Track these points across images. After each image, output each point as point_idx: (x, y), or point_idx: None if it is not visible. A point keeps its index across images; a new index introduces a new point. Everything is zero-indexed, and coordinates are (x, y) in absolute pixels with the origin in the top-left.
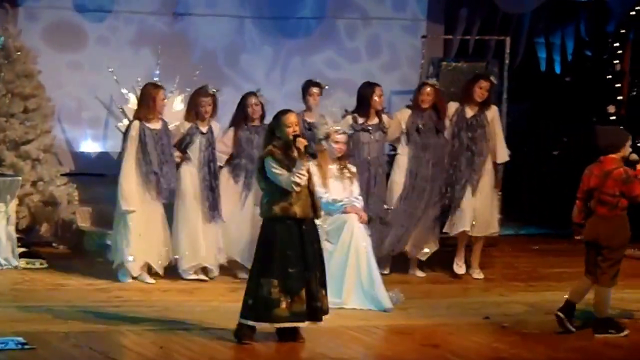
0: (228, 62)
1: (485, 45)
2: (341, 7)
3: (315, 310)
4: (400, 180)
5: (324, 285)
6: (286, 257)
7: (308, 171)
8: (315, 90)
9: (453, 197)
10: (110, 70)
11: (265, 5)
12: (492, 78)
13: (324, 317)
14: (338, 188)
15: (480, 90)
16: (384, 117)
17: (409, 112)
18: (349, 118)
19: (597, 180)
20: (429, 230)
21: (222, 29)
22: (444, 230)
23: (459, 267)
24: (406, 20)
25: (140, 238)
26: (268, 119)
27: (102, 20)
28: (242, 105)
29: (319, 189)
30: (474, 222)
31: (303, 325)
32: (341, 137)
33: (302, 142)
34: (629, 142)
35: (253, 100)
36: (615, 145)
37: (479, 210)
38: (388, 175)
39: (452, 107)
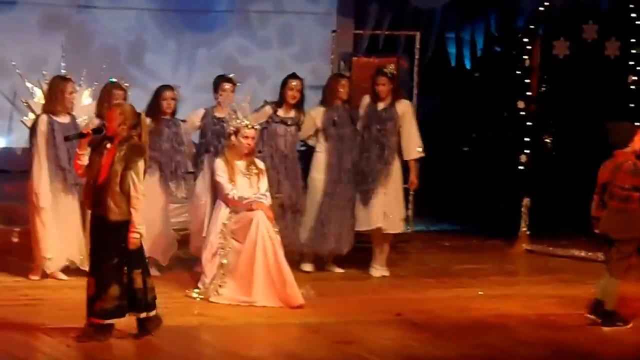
0: (133, 55)
1: (396, 41)
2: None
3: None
4: (320, 177)
5: (102, 287)
6: None
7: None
8: (227, 85)
9: (366, 191)
10: (13, 63)
11: None
12: (389, 70)
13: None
14: (245, 185)
15: (378, 87)
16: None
17: (322, 109)
18: (268, 108)
19: (610, 174)
20: (348, 226)
21: (127, 22)
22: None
23: (376, 270)
24: (318, 14)
25: (57, 235)
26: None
27: (5, 12)
28: (157, 97)
29: (226, 185)
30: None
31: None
32: (250, 132)
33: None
34: None
35: (169, 93)
36: (625, 139)
37: (387, 206)
38: (302, 171)
39: (365, 99)
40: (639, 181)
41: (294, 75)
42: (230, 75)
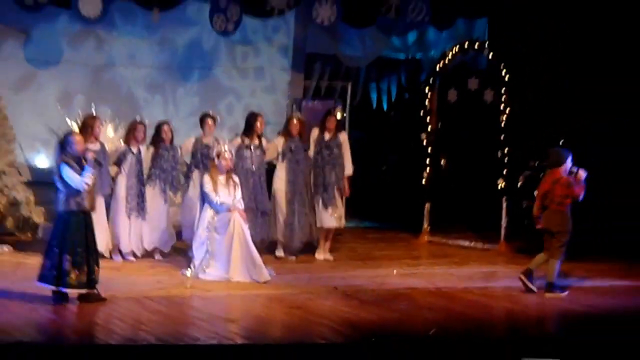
0: (142, 99)
1: (334, 89)
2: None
3: (92, 281)
4: (281, 188)
5: (97, 263)
6: (75, 240)
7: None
8: (210, 121)
9: (324, 199)
10: (58, 106)
11: (174, 57)
12: (338, 112)
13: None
14: (225, 193)
15: (329, 124)
16: (263, 140)
17: (282, 138)
18: (239, 139)
19: (549, 185)
20: (309, 226)
21: (138, 76)
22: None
23: (321, 254)
24: (278, 70)
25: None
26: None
27: (50, 67)
28: (159, 130)
29: (212, 194)
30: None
31: (82, 291)
32: (228, 156)
33: (92, 155)
34: (570, 158)
35: (166, 127)
36: (559, 161)
37: (337, 210)
38: (268, 184)
39: (315, 132)
40: (570, 191)
41: (259, 113)
42: (211, 112)
